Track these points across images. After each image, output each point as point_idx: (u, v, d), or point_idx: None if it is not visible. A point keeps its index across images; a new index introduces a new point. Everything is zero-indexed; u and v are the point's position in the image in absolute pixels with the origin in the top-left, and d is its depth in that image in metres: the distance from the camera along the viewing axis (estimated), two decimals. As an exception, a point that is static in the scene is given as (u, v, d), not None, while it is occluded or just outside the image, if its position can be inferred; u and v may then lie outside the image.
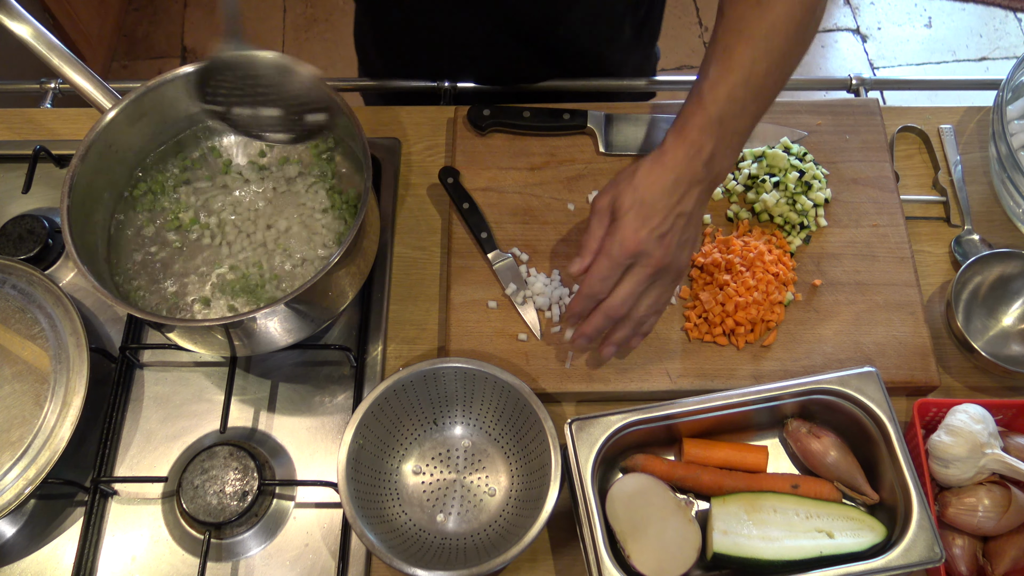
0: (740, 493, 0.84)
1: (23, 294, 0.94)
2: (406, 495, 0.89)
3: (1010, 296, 1.00)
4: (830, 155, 1.07)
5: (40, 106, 1.18)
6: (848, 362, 0.94)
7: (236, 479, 0.87)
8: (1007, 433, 0.88)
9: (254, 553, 0.89)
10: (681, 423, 0.87)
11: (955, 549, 0.84)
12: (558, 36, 1.13)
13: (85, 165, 0.88)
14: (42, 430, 0.87)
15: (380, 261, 1.02)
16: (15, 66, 1.74)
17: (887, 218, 1.03)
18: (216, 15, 2.80)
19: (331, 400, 0.96)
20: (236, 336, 0.86)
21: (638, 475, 0.85)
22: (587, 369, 0.94)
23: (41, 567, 0.88)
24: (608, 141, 1.08)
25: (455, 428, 0.93)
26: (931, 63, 2.77)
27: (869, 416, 0.85)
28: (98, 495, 0.89)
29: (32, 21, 0.90)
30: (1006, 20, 2.86)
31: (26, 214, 1.03)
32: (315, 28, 2.78)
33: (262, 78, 0.86)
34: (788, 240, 1.01)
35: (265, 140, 0.90)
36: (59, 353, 0.91)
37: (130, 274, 0.93)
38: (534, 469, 0.86)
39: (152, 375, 0.98)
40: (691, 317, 0.96)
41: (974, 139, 1.12)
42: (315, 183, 0.98)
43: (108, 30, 2.69)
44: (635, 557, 0.80)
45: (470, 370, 0.87)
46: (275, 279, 0.93)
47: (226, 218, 0.96)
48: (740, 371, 0.94)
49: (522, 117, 1.07)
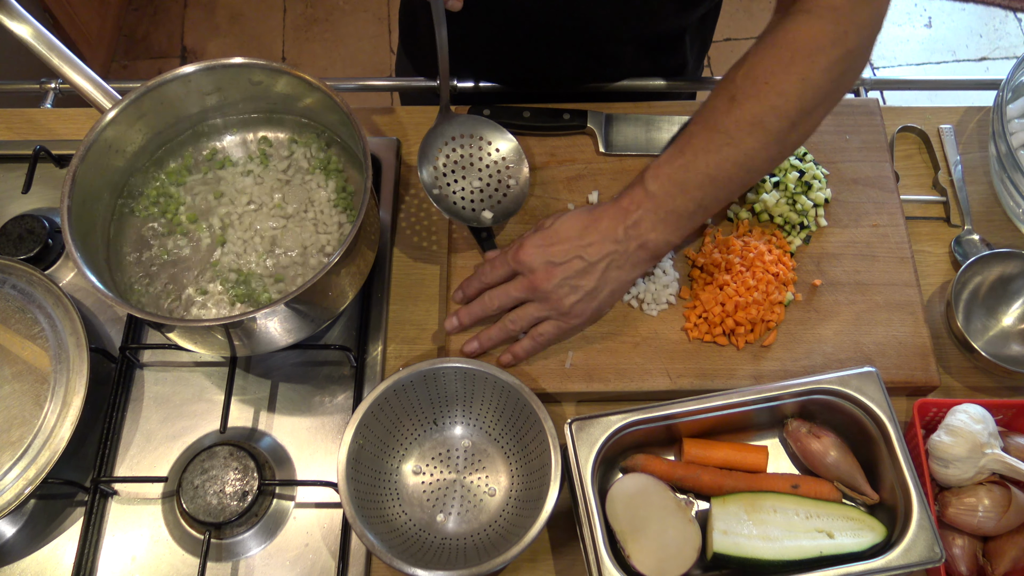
0: (740, 493, 0.84)
1: (23, 294, 0.94)
2: (406, 495, 0.89)
3: (1010, 296, 1.00)
4: (830, 155, 1.07)
5: (40, 106, 1.18)
6: (848, 362, 0.94)
7: (236, 479, 0.87)
8: (1007, 433, 0.88)
9: (254, 553, 0.89)
10: (681, 423, 0.87)
11: (955, 549, 0.84)
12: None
13: (85, 165, 0.88)
14: (42, 430, 0.87)
15: (380, 261, 1.02)
16: (15, 66, 1.75)
17: (887, 218, 1.03)
18: (216, 15, 2.80)
19: (331, 400, 0.96)
20: (236, 336, 0.86)
21: (638, 475, 0.85)
22: (587, 369, 0.94)
23: (41, 567, 0.88)
24: (608, 141, 1.08)
25: (455, 428, 0.93)
26: (931, 63, 2.77)
27: (869, 416, 0.85)
28: (98, 495, 0.89)
29: (32, 21, 0.90)
30: (1006, 20, 2.86)
31: (26, 214, 1.03)
32: (315, 28, 2.78)
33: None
34: (788, 240, 1.01)
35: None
36: (59, 353, 0.91)
37: (130, 274, 0.93)
38: (534, 469, 0.86)
39: (152, 375, 0.98)
40: (691, 317, 0.96)
41: (974, 139, 1.12)
42: (315, 183, 0.98)
43: (108, 30, 2.69)
44: (635, 557, 0.80)
45: (470, 370, 0.87)
46: (275, 279, 0.93)
47: (226, 218, 0.96)
48: (740, 371, 0.94)
49: (522, 117, 1.07)
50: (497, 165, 0.99)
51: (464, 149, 0.98)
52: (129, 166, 0.97)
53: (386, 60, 2.72)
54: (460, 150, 0.98)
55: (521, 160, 1.00)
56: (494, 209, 0.97)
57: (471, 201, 0.97)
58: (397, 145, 1.10)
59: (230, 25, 2.81)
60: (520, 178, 0.99)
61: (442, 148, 0.97)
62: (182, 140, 1.00)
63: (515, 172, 0.99)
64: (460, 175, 0.98)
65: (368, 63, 2.71)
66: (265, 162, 0.99)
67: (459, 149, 0.98)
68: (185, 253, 0.95)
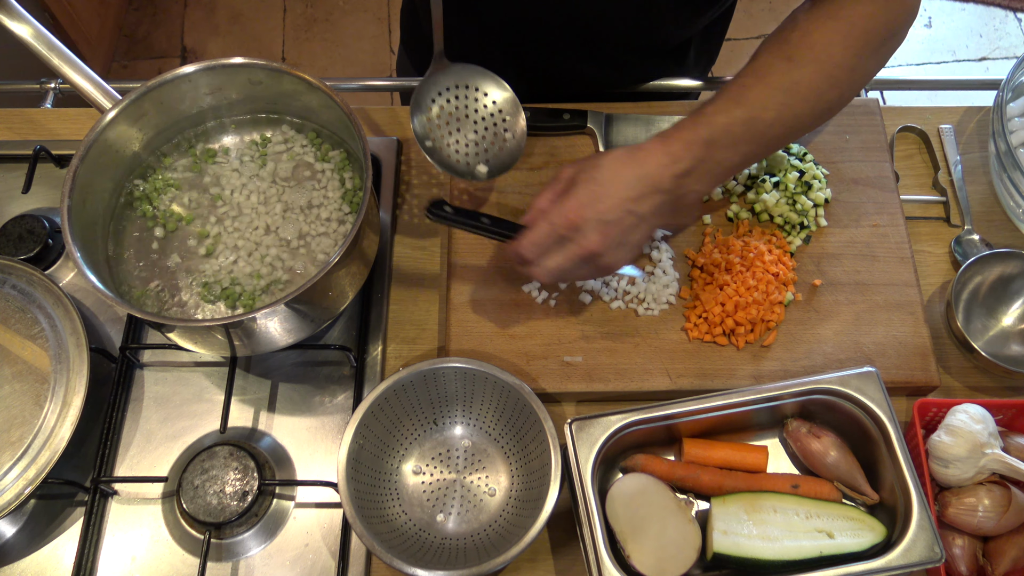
0: (740, 493, 0.84)
1: (23, 294, 0.94)
2: (406, 495, 0.89)
3: (1010, 296, 1.00)
4: (830, 155, 1.07)
5: (40, 106, 1.18)
6: (848, 362, 0.94)
7: (236, 479, 0.87)
8: (1007, 433, 0.88)
9: (254, 553, 0.89)
10: (681, 423, 0.87)
11: (955, 549, 0.84)
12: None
13: (85, 165, 0.88)
14: (42, 430, 0.87)
15: (380, 261, 1.02)
16: (15, 66, 1.74)
17: (887, 218, 1.03)
18: (216, 15, 2.80)
19: (331, 400, 0.96)
20: (236, 336, 0.86)
21: (638, 475, 0.85)
22: (587, 369, 0.94)
23: (41, 567, 0.88)
24: (608, 141, 1.08)
25: (455, 428, 0.93)
26: (931, 63, 2.77)
27: (869, 416, 0.85)
28: (98, 495, 0.89)
29: (32, 21, 0.90)
30: (1006, 20, 2.86)
31: (26, 214, 1.03)
32: (315, 28, 2.78)
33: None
34: (788, 240, 1.01)
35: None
36: (59, 353, 0.91)
37: (130, 274, 0.93)
38: (534, 469, 0.86)
39: (152, 375, 0.98)
40: (691, 317, 0.96)
41: (974, 139, 1.12)
42: (315, 183, 0.98)
43: (108, 30, 2.69)
44: (635, 557, 0.80)
45: (470, 370, 0.87)
46: (275, 278, 0.93)
47: (225, 217, 0.96)
48: (740, 371, 0.94)
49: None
50: (493, 118, 0.94)
51: (459, 100, 0.93)
52: (129, 166, 0.97)
53: (386, 60, 2.72)
54: (455, 101, 0.93)
55: (517, 111, 0.95)
56: (489, 163, 0.93)
57: (465, 155, 0.93)
58: (397, 145, 1.10)
59: (230, 25, 2.81)
60: (516, 131, 0.94)
61: (435, 99, 0.93)
62: (182, 140, 1.00)
63: (511, 124, 0.94)
64: (455, 127, 0.93)
65: (368, 63, 2.71)
66: (265, 162, 0.99)
67: (453, 100, 0.94)
68: (185, 253, 0.95)
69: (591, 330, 0.96)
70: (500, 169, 0.93)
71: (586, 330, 0.96)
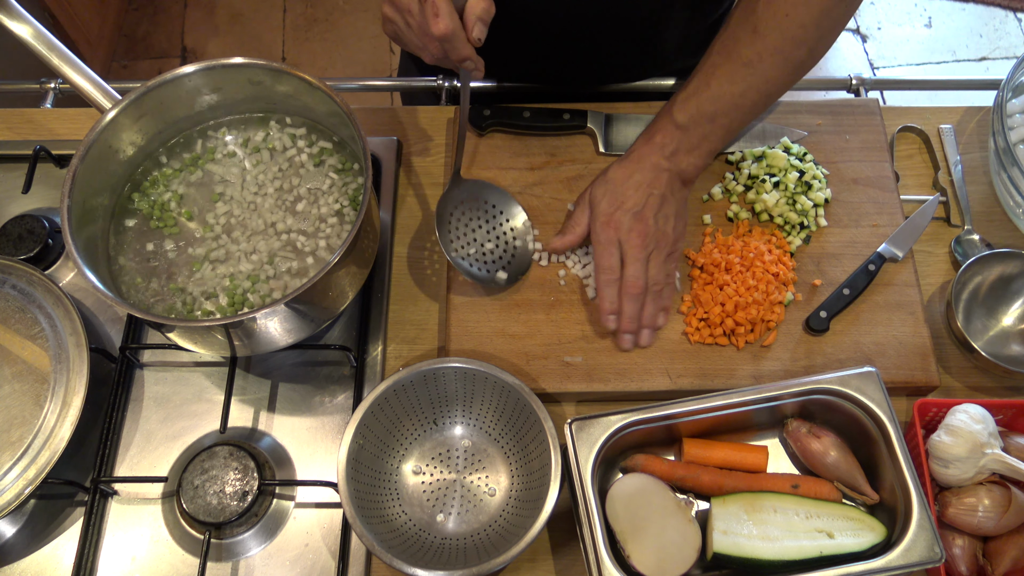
0: (740, 493, 0.84)
1: (23, 294, 0.94)
2: (406, 495, 0.89)
3: (1010, 296, 1.00)
4: (830, 155, 1.07)
5: (40, 106, 1.18)
6: (848, 362, 0.94)
7: (236, 479, 0.87)
8: (1007, 433, 0.88)
9: (254, 553, 0.89)
10: (681, 423, 0.87)
11: (955, 549, 0.84)
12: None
13: (85, 165, 0.88)
14: (42, 430, 0.87)
15: (380, 261, 1.02)
16: (15, 66, 1.74)
17: (887, 218, 1.03)
18: (216, 15, 2.80)
19: (331, 400, 0.96)
20: (236, 336, 0.86)
21: (638, 475, 0.85)
22: (587, 369, 0.94)
23: (41, 567, 0.88)
24: (608, 141, 1.08)
25: (455, 428, 0.93)
26: (931, 63, 2.77)
27: (869, 416, 0.85)
28: (98, 495, 0.89)
29: (32, 21, 0.90)
30: (1006, 20, 2.86)
31: (26, 214, 1.03)
32: (315, 28, 2.78)
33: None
34: (788, 240, 1.01)
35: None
36: (59, 353, 0.91)
37: (130, 274, 0.93)
38: (534, 469, 0.86)
39: (152, 375, 0.98)
40: (691, 317, 0.96)
41: (974, 139, 1.12)
42: (315, 183, 0.98)
43: (108, 30, 2.69)
44: (635, 557, 0.80)
45: (470, 370, 0.87)
46: (275, 278, 0.93)
47: (225, 217, 0.96)
48: (740, 371, 0.94)
49: (522, 117, 1.07)
50: (503, 228, 1.00)
51: (473, 212, 0.99)
52: (129, 166, 0.97)
53: (386, 60, 2.72)
54: (469, 213, 0.99)
55: (524, 220, 1.01)
56: (507, 269, 0.98)
57: (484, 263, 0.97)
58: (397, 145, 1.10)
59: (230, 25, 2.81)
60: (527, 240, 1.01)
61: (452, 212, 0.98)
62: (182, 140, 1.00)
63: (520, 234, 1.01)
64: (471, 237, 0.98)
65: (368, 63, 2.71)
66: (264, 162, 0.99)
67: (468, 212, 0.99)
68: (185, 253, 0.95)
69: (591, 330, 0.96)
70: (517, 275, 0.99)
71: (586, 330, 0.96)
